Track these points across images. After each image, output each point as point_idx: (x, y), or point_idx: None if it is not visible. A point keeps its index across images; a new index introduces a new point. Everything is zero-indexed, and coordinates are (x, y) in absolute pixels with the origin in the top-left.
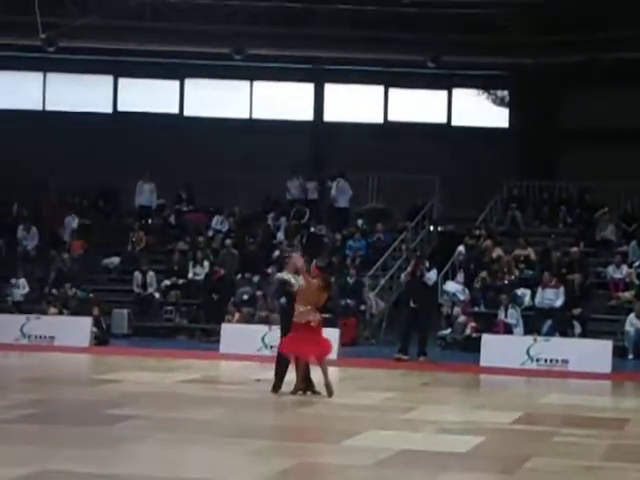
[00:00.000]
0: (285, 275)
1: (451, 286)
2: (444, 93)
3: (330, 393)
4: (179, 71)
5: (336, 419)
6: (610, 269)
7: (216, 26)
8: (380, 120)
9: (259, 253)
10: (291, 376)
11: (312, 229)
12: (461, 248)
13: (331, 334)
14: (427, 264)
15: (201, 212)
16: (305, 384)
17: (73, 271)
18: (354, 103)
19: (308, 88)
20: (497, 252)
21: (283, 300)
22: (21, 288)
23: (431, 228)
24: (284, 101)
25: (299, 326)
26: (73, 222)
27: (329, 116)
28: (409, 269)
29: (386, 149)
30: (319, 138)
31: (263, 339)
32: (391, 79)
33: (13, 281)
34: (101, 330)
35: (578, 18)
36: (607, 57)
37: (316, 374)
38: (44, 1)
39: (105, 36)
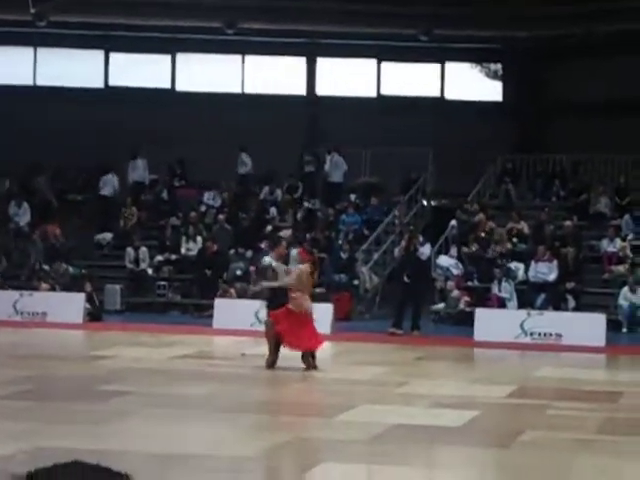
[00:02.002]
0: (268, 261)
1: (444, 260)
2: (437, 66)
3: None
4: (170, 45)
5: (330, 394)
6: (604, 242)
7: (207, 0)
8: (373, 94)
9: (252, 228)
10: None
11: (306, 204)
12: (454, 222)
13: (324, 309)
14: (421, 239)
15: (193, 187)
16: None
17: (65, 247)
18: (347, 77)
19: (300, 62)
20: (489, 226)
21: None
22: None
23: (424, 202)
24: (276, 75)
25: (296, 314)
26: (114, 179)
27: (322, 90)
28: (403, 244)
29: (379, 123)
30: (312, 112)
31: (256, 314)
32: (384, 53)
33: None
34: (94, 306)
35: None
36: (601, 29)
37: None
38: None
39: (96, 10)
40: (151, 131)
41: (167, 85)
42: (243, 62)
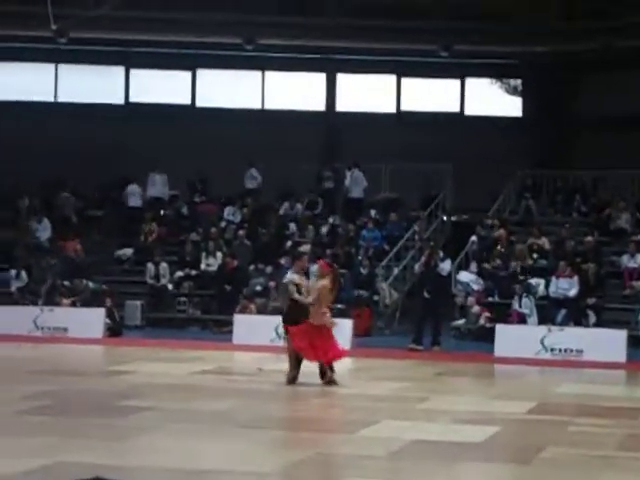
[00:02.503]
0: (291, 276)
1: (465, 276)
2: (457, 82)
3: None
4: (191, 61)
5: (350, 409)
6: (624, 258)
7: (227, 16)
8: (393, 110)
9: (272, 244)
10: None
11: (330, 220)
12: (474, 238)
13: (344, 325)
14: (441, 254)
15: (213, 203)
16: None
17: (85, 262)
18: (366, 93)
19: (320, 78)
20: (509, 241)
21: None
22: (19, 280)
23: (444, 218)
24: (296, 91)
25: (315, 328)
26: (139, 189)
27: (341, 106)
28: (423, 259)
29: (399, 139)
30: (331, 128)
31: (276, 330)
32: (403, 68)
33: (12, 272)
34: (114, 321)
35: (591, 5)
36: (621, 44)
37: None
38: None
39: (116, 27)
40: (171, 147)
41: (187, 101)
42: (263, 78)
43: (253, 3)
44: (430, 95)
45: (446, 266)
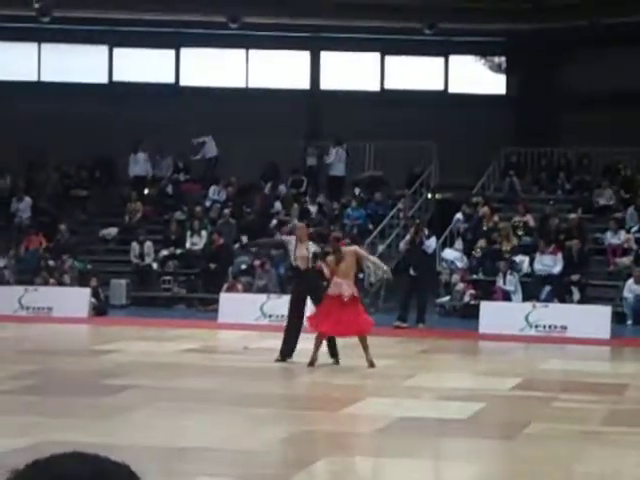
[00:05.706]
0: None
1: (449, 254)
2: (441, 60)
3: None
4: (175, 40)
5: (336, 387)
6: (608, 235)
7: None
8: (377, 88)
9: (257, 222)
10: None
11: (318, 199)
12: (459, 215)
13: None
14: (426, 232)
15: (198, 182)
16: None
17: (70, 242)
18: (350, 71)
19: (304, 56)
20: (495, 219)
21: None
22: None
23: (429, 196)
24: (280, 69)
25: (332, 299)
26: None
27: (325, 84)
28: (408, 237)
29: (383, 117)
30: (315, 106)
31: (262, 308)
32: (388, 46)
33: None
34: (99, 301)
35: None
36: (604, 21)
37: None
38: None
39: (99, 5)
40: (155, 126)
41: (171, 80)
42: (247, 56)
43: None
44: (414, 73)
45: (431, 244)
